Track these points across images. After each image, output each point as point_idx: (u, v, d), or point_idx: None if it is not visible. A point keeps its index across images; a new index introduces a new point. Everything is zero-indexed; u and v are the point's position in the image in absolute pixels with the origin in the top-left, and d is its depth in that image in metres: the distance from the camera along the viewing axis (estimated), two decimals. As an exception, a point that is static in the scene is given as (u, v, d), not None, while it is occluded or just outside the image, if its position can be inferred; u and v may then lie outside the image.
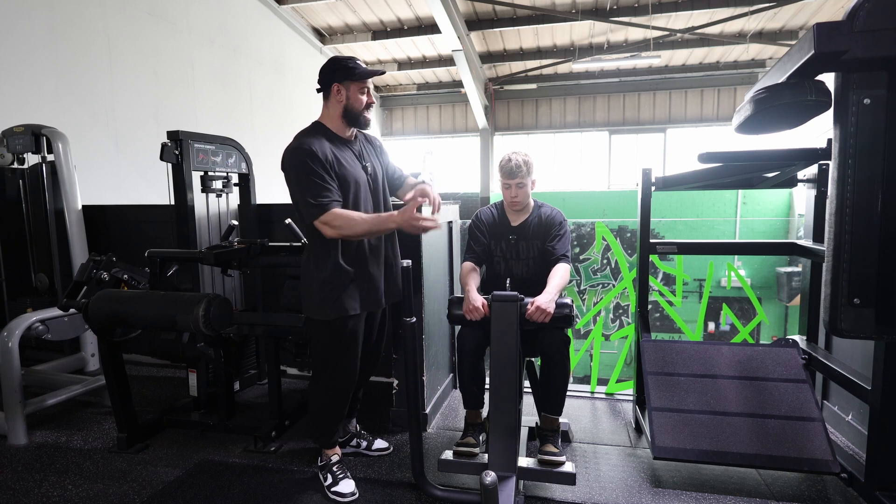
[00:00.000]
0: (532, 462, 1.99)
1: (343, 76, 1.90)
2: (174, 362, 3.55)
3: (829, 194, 1.48)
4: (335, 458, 2.10)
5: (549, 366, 2.15)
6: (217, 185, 2.94)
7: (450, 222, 3.02)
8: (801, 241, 2.48)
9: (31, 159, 3.20)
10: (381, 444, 2.36)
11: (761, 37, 8.91)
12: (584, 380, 3.38)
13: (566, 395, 2.21)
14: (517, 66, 10.59)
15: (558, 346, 2.10)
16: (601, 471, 2.21)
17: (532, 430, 2.39)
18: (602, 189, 11.21)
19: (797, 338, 2.49)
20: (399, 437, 2.50)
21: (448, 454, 2.03)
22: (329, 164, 1.85)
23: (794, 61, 1.48)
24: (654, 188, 2.43)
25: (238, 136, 3.26)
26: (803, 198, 2.67)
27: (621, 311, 8.33)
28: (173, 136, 2.68)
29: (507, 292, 2.00)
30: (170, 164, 2.73)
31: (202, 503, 1.98)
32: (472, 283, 2.18)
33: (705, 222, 9.14)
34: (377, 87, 11.86)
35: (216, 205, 3.04)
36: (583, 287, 8.61)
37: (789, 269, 8.26)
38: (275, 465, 2.26)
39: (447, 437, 2.53)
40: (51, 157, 3.08)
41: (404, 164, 2.25)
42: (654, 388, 2.18)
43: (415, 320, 1.95)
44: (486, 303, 2.06)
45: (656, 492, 2.05)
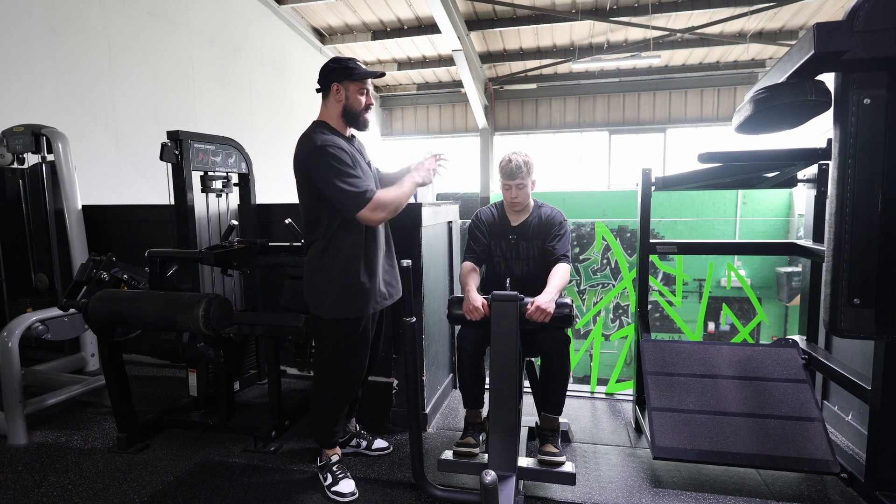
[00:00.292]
0: (532, 462, 1.99)
1: (343, 76, 1.92)
2: (174, 362, 3.55)
3: (829, 194, 1.48)
4: (335, 457, 2.10)
5: (549, 366, 2.15)
6: (217, 185, 2.94)
7: (450, 222, 3.02)
8: (801, 241, 2.48)
9: (31, 159, 3.20)
10: (380, 443, 2.37)
11: (761, 37, 8.91)
12: (584, 380, 3.38)
13: (566, 394, 2.21)
14: (517, 66, 10.59)
15: (558, 345, 2.10)
16: (601, 471, 2.21)
17: (532, 430, 2.39)
18: (602, 189, 11.21)
19: (797, 338, 2.49)
20: (399, 436, 2.50)
21: (448, 454, 2.03)
22: (352, 157, 1.88)
23: (794, 61, 1.49)
24: (653, 188, 2.43)
25: (238, 136, 3.27)
26: (803, 198, 2.67)
27: (621, 311, 8.33)
28: (173, 136, 2.68)
29: (507, 292, 2.00)
30: (170, 164, 2.73)
31: (202, 503, 1.98)
32: (472, 283, 2.18)
33: (705, 222, 9.12)
34: (377, 88, 11.86)
35: (216, 205, 3.04)
36: (583, 287, 8.59)
37: (789, 269, 8.25)
38: (275, 464, 2.26)
39: (447, 437, 2.53)
40: (51, 157, 3.08)
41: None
42: (654, 388, 2.18)
43: (415, 320, 1.96)
44: (486, 303, 2.06)
45: (656, 492, 2.05)
